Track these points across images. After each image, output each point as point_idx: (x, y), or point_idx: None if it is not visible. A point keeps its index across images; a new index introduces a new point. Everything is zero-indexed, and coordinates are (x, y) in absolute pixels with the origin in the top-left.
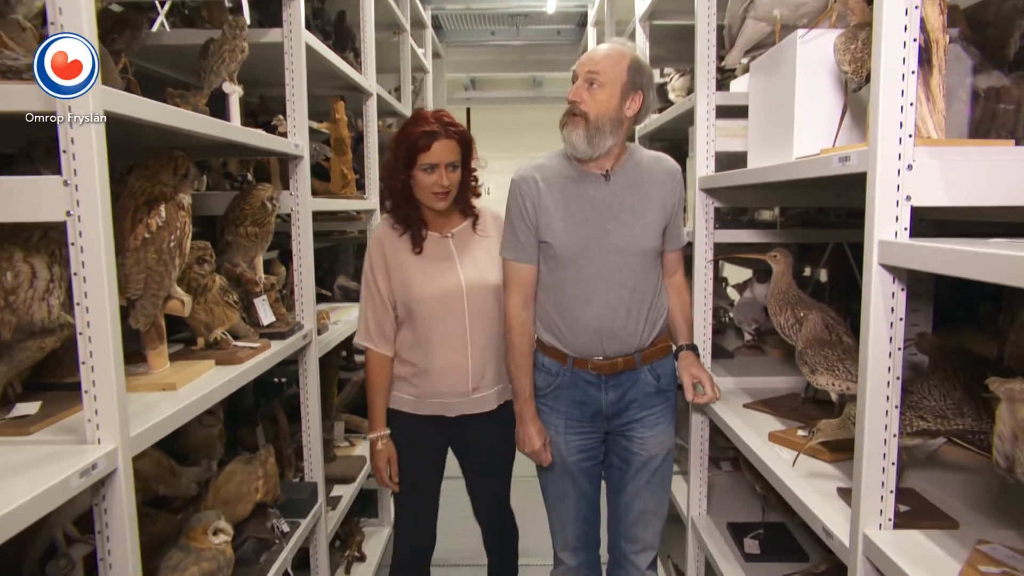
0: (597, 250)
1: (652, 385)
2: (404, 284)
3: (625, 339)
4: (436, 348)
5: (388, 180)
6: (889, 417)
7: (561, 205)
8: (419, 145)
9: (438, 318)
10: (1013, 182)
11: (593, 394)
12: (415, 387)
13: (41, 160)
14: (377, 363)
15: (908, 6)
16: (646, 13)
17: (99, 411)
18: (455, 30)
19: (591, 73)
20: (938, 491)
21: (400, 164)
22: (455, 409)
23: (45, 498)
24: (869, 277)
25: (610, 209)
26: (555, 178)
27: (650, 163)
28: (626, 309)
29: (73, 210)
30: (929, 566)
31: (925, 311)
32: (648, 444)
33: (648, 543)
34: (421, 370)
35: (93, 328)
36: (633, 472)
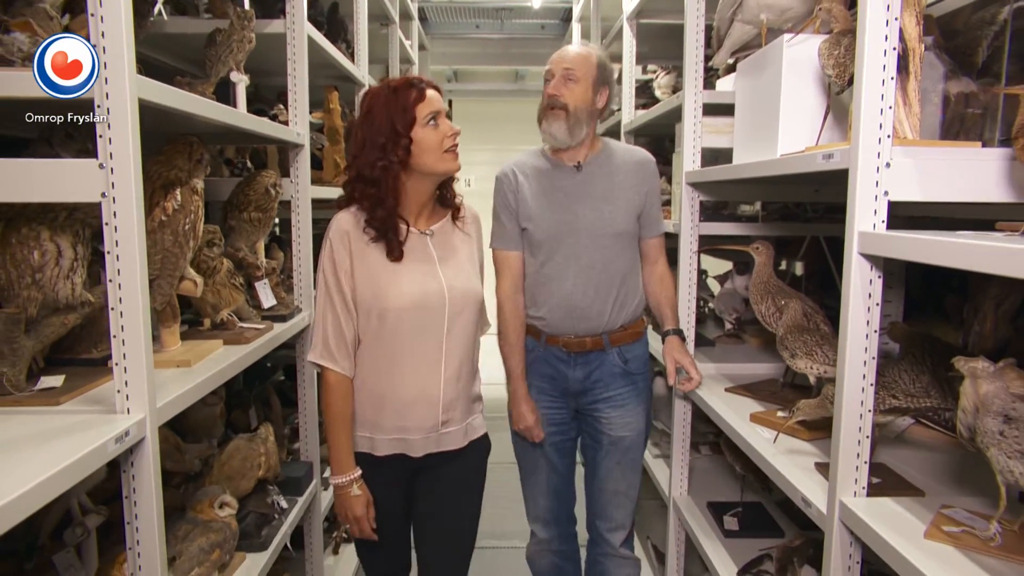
0: (568, 233)
1: (619, 367)
2: (375, 287)
3: (593, 317)
4: (406, 370)
5: (368, 166)
6: (865, 394)
7: (538, 194)
8: (413, 97)
9: (413, 332)
10: (978, 180)
11: (562, 370)
12: (370, 421)
13: (60, 144)
14: (341, 387)
15: (888, 18)
16: (633, 12)
17: (129, 383)
18: (440, 22)
19: (567, 70)
20: (907, 466)
21: (392, 134)
22: (419, 448)
23: (87, 460)
24: (850, 265)
25: (581, 196)
26: (532, 171)
27: (622, 154)
28: (594, 288)
29: (108, 192)
30: (898, 527)
31: (897, 303)
32: (614, 424)
33: (620, 522)
34: (379, 398)
35: (125, 304)
36: (604, 452)
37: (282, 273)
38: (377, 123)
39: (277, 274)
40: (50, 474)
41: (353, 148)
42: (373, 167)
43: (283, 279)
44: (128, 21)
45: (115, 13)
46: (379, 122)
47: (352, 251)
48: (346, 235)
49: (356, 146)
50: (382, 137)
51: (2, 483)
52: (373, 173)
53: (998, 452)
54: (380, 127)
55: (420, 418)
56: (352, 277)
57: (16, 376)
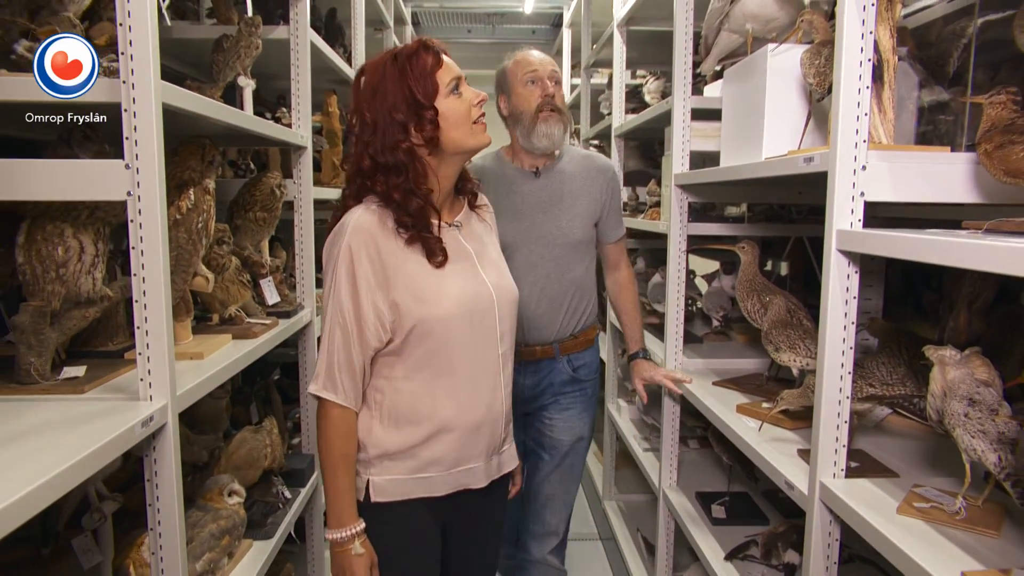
0: (524, 242)
1: (568, 375)
2: (418, 297)
3: (544, 327)
4: (467, 390)
5: (387, 150)
6: (843, 381)
7: (495, 201)
8: (431, 63)
9: (468, 345)
10: (946, 182)
11: (515, 378)
12: (427, 458)
13: (79, 145)
14: (346, 423)
15: (864, 31)
16: (624, 19)
17: (151, 371)
18: (433, 27)
19: (555, 72)
20: (884, 452)
21: (414, 107)
22: (483, 476)
23: (117, 442)
24: (829, 261)
25: (539, 203)
26: (492, 177)
27: (581, 160)
28: (547, 299)
29: (133, 191)
30: (873, 504)
31: (876, 300)
32: (556, 428)
33: (552, 528)
34: (439, 427)
35: (149, 296)
36: (545, 456)
37: (284, 271)
38: (391, 97)
39: (280, 272)
40: (86, 453)
41: (362, 133)
42: (395, 150)
43: (286, 277)
44: (154, 31)
45: (142, 23)
46: (394, 96)
47: (383, 257)
48: (371, 238)
49: (366, 130)
50: (400, 113)
51: (43, 460)
52: (396, 158)
53: (963, 432)
54: (396, 102)
55: (486, 442)
56: (386, 289)
57: (43, 366)
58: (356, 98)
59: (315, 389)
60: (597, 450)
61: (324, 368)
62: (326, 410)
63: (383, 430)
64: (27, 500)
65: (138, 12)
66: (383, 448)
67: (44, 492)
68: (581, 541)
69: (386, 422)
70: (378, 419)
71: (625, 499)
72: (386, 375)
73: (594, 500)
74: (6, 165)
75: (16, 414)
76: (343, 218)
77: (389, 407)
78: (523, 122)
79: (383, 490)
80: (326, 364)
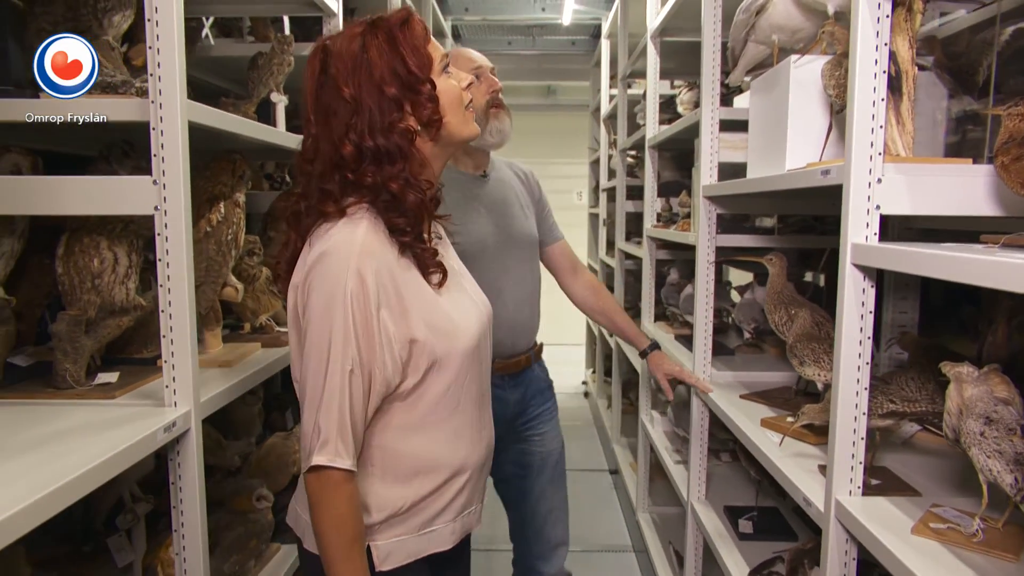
0: (497, 245)
1: (543, 380)
2: (437, 327)
3: (529, 333)
4: (474, 424)
5: (378, 133)
6: (859, 397)
7: (459, 204)
8: (423, 34)
9: (476, 373)
10: (967, 195)
11: (499, 396)
12: (424, 513)
13: (117, 161)
14: (356, 497)
15: (878, 43)
16: (657, 30)
17: (176, 379)
18: (474, 39)
19: (494, 70)
20: (909, 470)
21: (409, 80)
22: (478, 519)
23: (140, 446)
24: (843, 275)
25: (497, 205)
26: (449, 185)
27: (508, 165)
28: (527, 301)
29: (160, 205)
30: (888, 523)
31: (912, 313)
32: (547, 439)
33: (560, 539)
34: (453, 471)
35: (174, 307)
36: (535, 473)
37: None
38: (379, 70)
39: None
40: (107, 456)
41: (334, 114)
42: (390, 132)
43: None
44: (180, 53)
45: (169, 47)
46: (382, 67)
47: (398, 286)
48: (384, 263)
49: (343, 110)
50: (392, 87)
51: (70, 461)
52: (390, 141)
53: (978, 451)
54: (385, 74)
55: (484, 480)
56: (404, 324)
57: (77, 372)
58: (318, 78)
59: (326, 459)
60: (633, 461)
61: (336, 428)
62: (337, 485)
63: (387, 488)
64: (50, 499)
65: (166, 36)
66: (390, 509)
67: (66, 492)
68: (615, 553)
69: (390, 479)
70: (379, 477)
71: (659, 511)
72: (388, 423)
73: (628, 512)
74: (45, 182)
75: (49, 417)
76: (331, 234)
77: (392, 461)
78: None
79: (388, 555)
80: (337, 423)
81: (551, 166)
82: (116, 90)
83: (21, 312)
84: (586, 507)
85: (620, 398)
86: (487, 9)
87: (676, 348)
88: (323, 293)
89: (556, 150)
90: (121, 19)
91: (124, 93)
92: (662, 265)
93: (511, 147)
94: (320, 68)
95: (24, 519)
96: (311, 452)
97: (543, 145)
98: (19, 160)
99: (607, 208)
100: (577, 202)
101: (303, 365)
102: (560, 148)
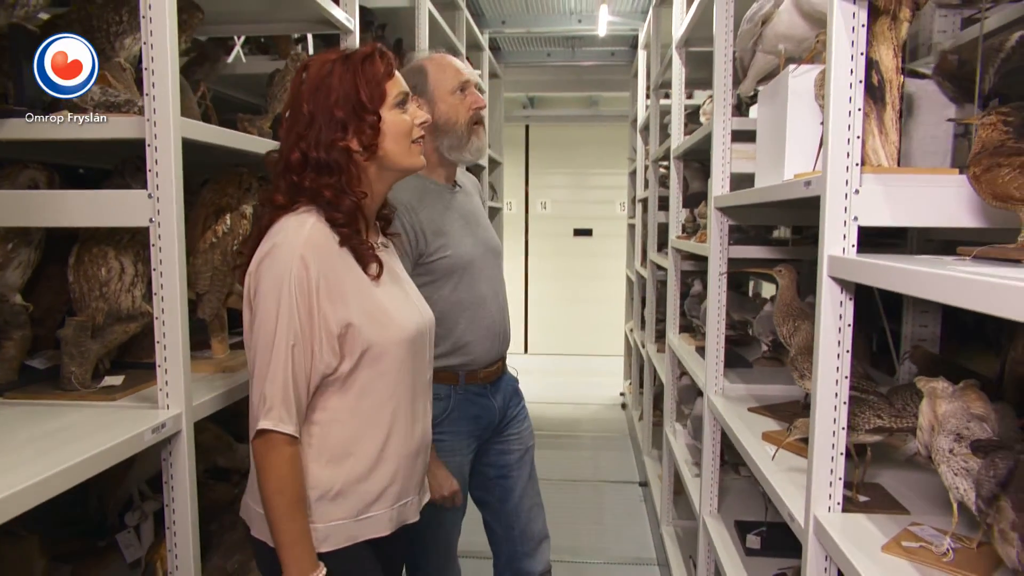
0: (479, 255)
1: (514, 380)
2: (372, 316)
3: (508, 338)
4: (407, 418)
5: (320, 147)
6: (838, 412)
7: (441, 218)
8: (383, 71)
9: (410, 367)
10: (944, 206)
11: (486, 405)
12: (358, 498)
13: (131, 176)
14: (297, 460)
15: (853, 52)
16: (681, 40)
17: (168, 382)
18: (513, 51)
19: (478, 85)
20: (905, 487)
21: (357, 108)
22: (416, 510)
23: (126, 445)
24: (821, 288)
25: (471, 215)
26: (424, 196)
27: (463, 175)
28: (504, 307)
29: (155, 217)
30: (860, 541)
31: (932, 327)
32: (523, 436)
33: (544, 533)
34: (385, 460)
35: (167, 314)
36: (516, 473)
37: None
38: (335, 94)
39: None
40: (93, 453)
41: (294, 124)
42: (329, 148)
43: None
44: (174, 75)
45: (163, 69)
46: (339, 93)
47: (338, 274)
48: (326, 253)
49: (300, 122)
50: (341, 111)
51: (58, 456)
52: (330, 156)
53: (947, 469)
54: (339, 99)
55: (420, 472)
56: (341, 308)
57: (83, 375)
58: (294, 91)
59: (271, 423)
60: (662, 472)
61: (280, 396)
62: (279, 447)
63: (321, 468)
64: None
65: (160, 59)
66: (323, 489)
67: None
68: (638, 566)
69: (323, 459)
70: (313, 458)
71: (682, 525)
72: (324, 406)
73: (654, 525)
74: (53, 195)
75: (51, 416)
76: (280, 226)
77: (327, 442)
78: (454, 133)
79: (326, 537)
80: (281, 392)
81: (593, 176)
82: (119, 109)
83: (41, 318)
84: (614, 519)
85: (651, 410)
86: (524, 22)
87: (696, 361)
88: (271, 278)
89: (598, 161)
90: (132, 42)
91: (127, 112)
92: (687, 276)
93: (554, 157)
94: (298, 82)
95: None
96: (257, 419)
97: (585, 156)
98: (36, 175)
99: (642, 219)
100: (619, 212)
101: (252, 341)
102: (602, 159)
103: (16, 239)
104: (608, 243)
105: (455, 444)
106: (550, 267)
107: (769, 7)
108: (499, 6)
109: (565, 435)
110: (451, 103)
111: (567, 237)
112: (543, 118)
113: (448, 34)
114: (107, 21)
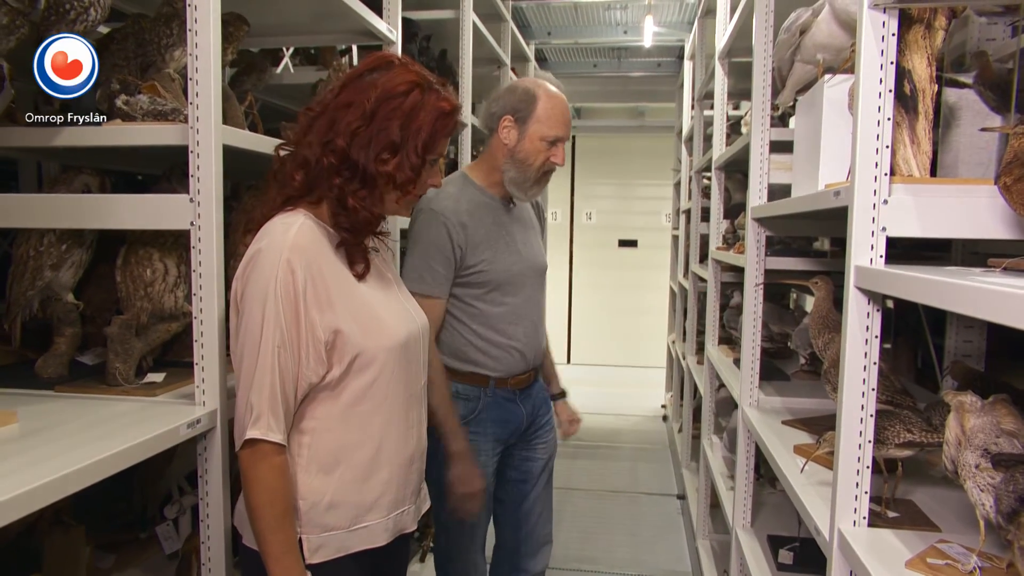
0: (519, 273)
1: (544, 390)
2: (362, 322)
3: (540, 353)
4: (400, 425)
5: (368, 155)
6: (864, 424)
7: (487, 234)
8: (449, 131)
9: (403, 373)
10: (975, 217)
11: (513, 410)
12: (352, 507)
13: (178, 181)
14: (286, 470)
15: (883, 61)
16: (723, 51)
17: (205, 380)
18: (559, 62)
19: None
20: (939, 504)
21: (415, 146)
22: (413, 518)
23: (163, 438)
24: (848, 299)
25: (520, 233)
26: (477, 209)
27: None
28: (541, 326)
29: (195, 221)
30: (884, 556)
31: (977, 341)
32: (549, 445)
33: (548, 537)
34: (378, 469)
35: (205, 314)
36: (535, 478)
37: None
38: (404, 112)
39: None
40: (131, 444)
41: (346, 114)
42: (374, 161)
43: None
44: (217, 85)
45: (206, 79)
46: (408, 112)
47: (326, 279)
48: (314, 256)
49: (352, 113)
50: (399, 137)
51: (99, 446)
52: (370, 168)
53: (972, 485)
54: (405, 124)
55: (415, 479)
56: (329, 314)
57: (127, 371)
58: (357, 82)
59: (259, 432)
60: (699, 484)
61: (267, 405)
62: (268, 457)
63: (311, 477)
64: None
65: (204, 70)
66: (314, 498)
67: (84, 474)
68: None
69: (313, 469)
70: (303, 466)
71: (718, 538)
72: (313, 414)
73: (691, 538)
74: (101, 199)
75: (93, 409)
76: (267, 229)
77: (316, 451)
78: (524, 171)
79: (319, 548)
80: (268, 400)
81: (639, 187)
82: (166, 117)
83: (92, 316)
84: (651, 531)
85: (691, 422)
86: (571, 33)
87: (732, 372)
88: (258, 282)
89: (644, 171)
90: (181, 54)
91: (173, 120)
92: (727, 288)
93: (601, 167)
94: (365, 69)
95: (45, 493)
96: (244, 428)
97: (631, 166)
98: (89, 180)
99: (685, 230)
100: (664, 224)
101: (238, 348)
102: (648, 169)
103: (70, 240)
104: (653, 254)
105: (480, 444)
106: (594, 277)
107: (807, 16)
108: (545, 18)
109: (605, 446)
110: (537, 147)
111: (612, 248)
112: (589, 128)
113: (493, 46)
114: (159, 34)
